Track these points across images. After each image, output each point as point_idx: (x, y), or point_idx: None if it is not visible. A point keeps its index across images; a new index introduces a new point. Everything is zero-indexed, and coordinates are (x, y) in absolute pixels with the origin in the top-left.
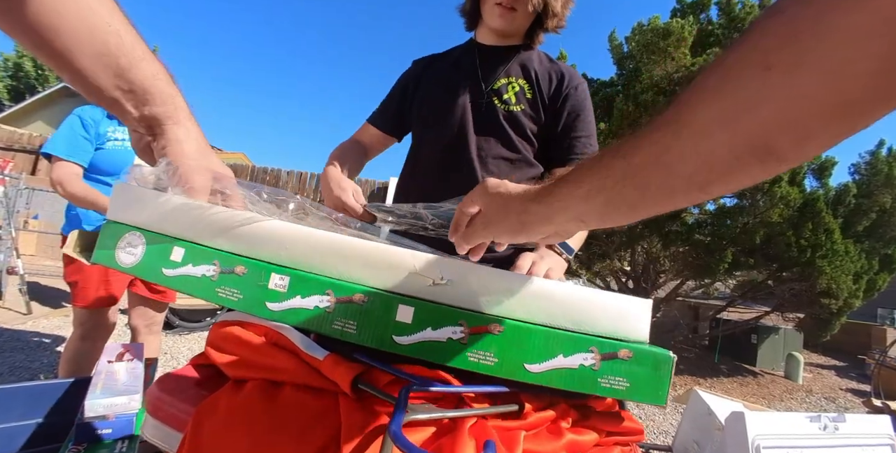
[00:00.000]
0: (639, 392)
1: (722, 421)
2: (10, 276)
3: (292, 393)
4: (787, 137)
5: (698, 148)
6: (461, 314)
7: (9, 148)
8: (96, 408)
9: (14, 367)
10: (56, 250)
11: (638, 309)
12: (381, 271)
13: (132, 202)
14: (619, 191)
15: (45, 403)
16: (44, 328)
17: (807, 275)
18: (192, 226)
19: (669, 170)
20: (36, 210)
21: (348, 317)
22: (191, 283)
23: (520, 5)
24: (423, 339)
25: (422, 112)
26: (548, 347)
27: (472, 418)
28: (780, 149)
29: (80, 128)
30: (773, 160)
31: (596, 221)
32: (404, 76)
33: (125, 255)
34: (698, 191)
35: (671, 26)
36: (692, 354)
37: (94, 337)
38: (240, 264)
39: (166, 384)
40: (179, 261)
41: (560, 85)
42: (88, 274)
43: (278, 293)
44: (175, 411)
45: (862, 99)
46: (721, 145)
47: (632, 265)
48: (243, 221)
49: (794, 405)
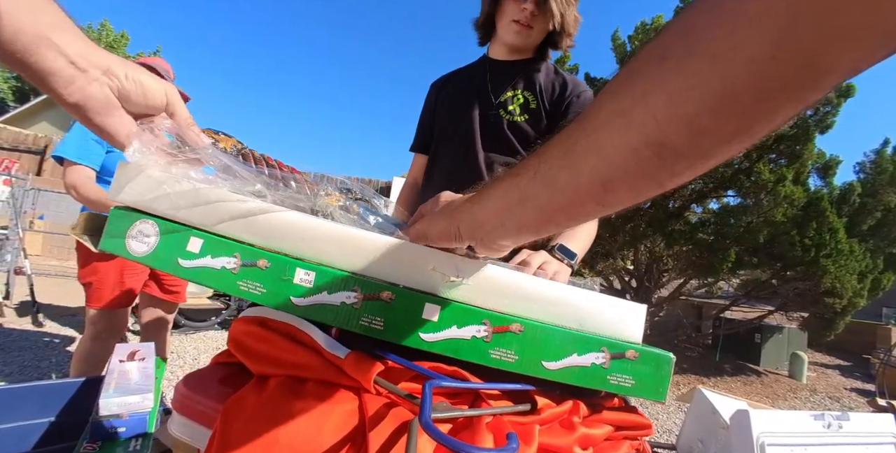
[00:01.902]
0: (642, 389)
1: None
2: (17, 276)
3: (316, 389)
4: (678, 130)
5: (599, 141)
6: (485, 313)
7: (14, 149)
8: (110, 407)
9: (23, 366)
10: (62, 250)
11: (634, 313)
12: (398, 267)
13: (139, 184)
14: (531, 190)
15: (57, 402)
16: (50, 327)
17: (811, 275)
18: (205, 213)
19: (574, 167)
20: (41, 210)
21: (376, 313)
22: (210, 275)
23: (536, 23)
24: (448, 337)
25: (439, 126)
26: (564, 346)
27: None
28: (674, 143)
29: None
30: (669, 155)
31: (514, 227)
32: (427, 100)
33: (137, 244)
34: (602, 190)
35: None
36: (695, 353)
37: (106, 337)
38: (262, 257)
39: (192, 381)
40: (197, 251)
41: (563, 94)
42: (104, 275)
43: (304, 288)
44: (203, 408)
45: (750, 87)
46: (618, 137)
47: (635, 264)
48: (259, 211)
49: (798, 404)
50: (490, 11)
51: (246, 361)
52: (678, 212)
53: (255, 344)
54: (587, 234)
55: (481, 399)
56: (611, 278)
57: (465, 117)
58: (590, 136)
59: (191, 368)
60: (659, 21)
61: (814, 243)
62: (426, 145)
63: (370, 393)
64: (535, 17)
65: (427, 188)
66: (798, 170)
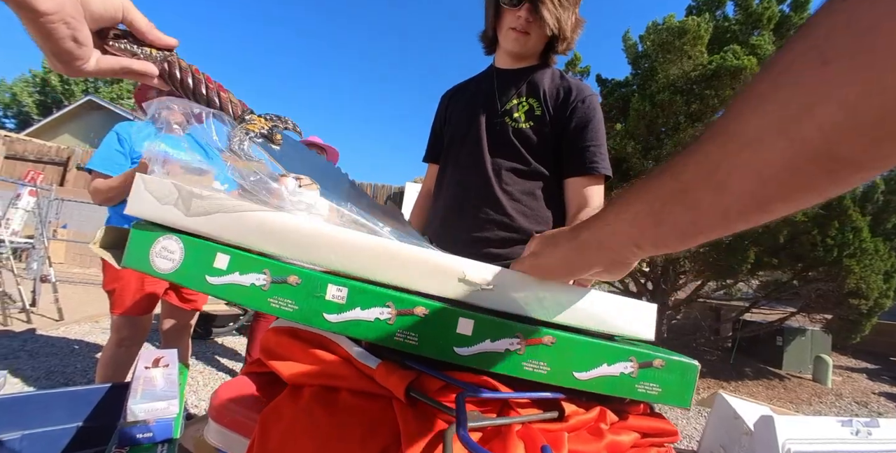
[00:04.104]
0: (668, 396)
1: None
2: (43, 284)
3: (350, 398)
4: (852, 141)
5: (750, 161)
6: (517, 327)
7: (38, 160)
8: (138, 413)
9: (50, 372)
10: (84, 258)
11: (646, 312)
12: (431, 277)
13: (158, 198)
14: (668, 213)
15: (85, 407)
16: (75, 334)
17: (834, 275)
18: (233, 229)
19: (720, 188)
20: (65, 220)
21: (410, 329)
22: (239, 292)
23: (533, 30)
24: (482, 351)
25: (449, 136)
26: (594, 357)
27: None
28: (848, 155)
29: (116, 144)
30: (841, 168)
31: (650, 246)
32: (438, 111)
33: (161, 261)
34: (757, 211)
35: (686, 24)
36: (714, 357)
37: (130, 343)
38: (293, 274)
39: (228, 391)
40: (224, 268)
41: (567, 99)
42: (126, 282)
43: (336, 304)
44: (239, 417)
45: None
46: (775, 156)
47: (650, 266)
48: (288, 224)
49: (824, 409)
50: (491, 22)
51: (279, 371)
52: None
53: (287, 355)
54: None
55: (509, 407)
56: (626, 281)
57: (473, 125)
58: (736, 157)
59: (210, 374)
60: (670, 21)
61: (836, 243)
62: (438, 155)
63: (402, 403)
64: (531, 23)
65: (438, 195)
66: None
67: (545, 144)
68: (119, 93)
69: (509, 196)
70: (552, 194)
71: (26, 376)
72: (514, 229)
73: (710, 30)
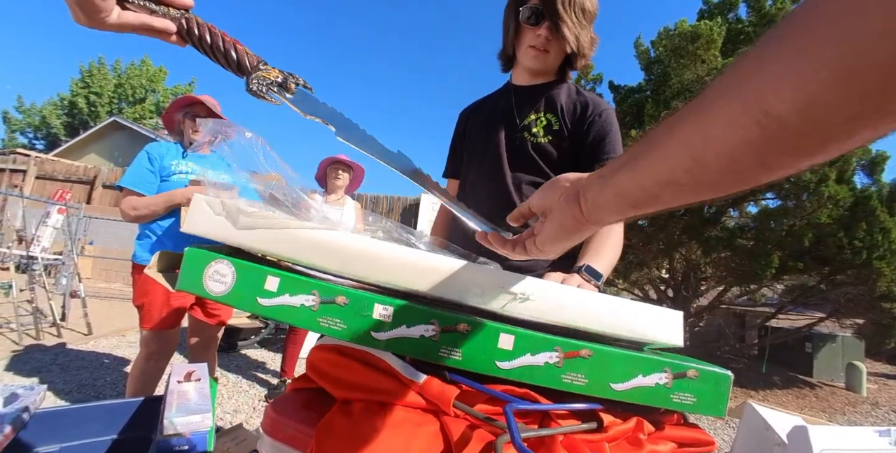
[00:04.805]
0: (703, 406)
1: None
2: (72, 299)
3: (399, 412)
4: (786, 100)
5: (699, 119)
6: (556, 341)
7: (67, 179)
8: (174, 426)
9: (81, 385)
10: (109, 273)
11: (673, 319)
12: (469, 287)
13: (217, 217)
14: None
15: (119, 420)
16: (103, 348)
17: (864, 278)
18: (284, 244)
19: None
20: (91, 236)
21: (454, 345)
22: (290, 313)
23: (552, 47)
24: (523, 364)
25: (469, 151)
26: (629, 369)
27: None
28: (780, 113)
29: (146, 162)
30: (773, 125)
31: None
32: (456, 127)
33: (214, 284)
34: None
35: (699, 29)
36: (741, 365)
37: (158, 357)
38: (341, 294)
39: (279, 406)
40: (275, 290)
41: (584, 113)
42: (153, 298)
43: (383, 322)
44: (293, 431)
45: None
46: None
47: (671, 273)
48: (338, 241)
49: (859, 419)
50: (510, 40)
51: (327, 387)
52: (714, 218)
53: (334, 371)
54: (613, 251)
55: (550, 418)
56: (646, 288)
57: (493, 140)
58: (691, 115)
59: (234, 387)
60: (682, 26)
61: (864, 245)
62: (457, 171)
63: (449, 416)
64: (550, 41)
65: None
66: (841, 169)
67: (564, 158)
68: (142, 113)
69: None
70: None
71: (59, 389)
72: None
73: (723, 33)
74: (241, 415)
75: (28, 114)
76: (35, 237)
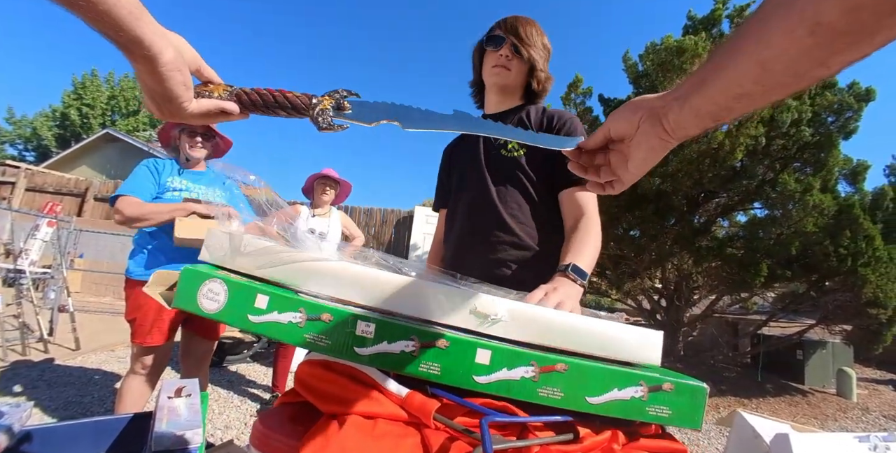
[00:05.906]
0: (679, 418)
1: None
2: (60, 314)
3: (383, 426)
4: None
5: (761, 30)
6: (532, 355)
7: (57, 192)
8: (164, 442)
9: (68, 402)
10: (99, 287)
11: (652, 339)
12: (445, 309)
13: (225, 246)
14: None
15: (108, 437)
16: (92, 363)
17: (850, 285)
18: (280, 270)
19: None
20: (82, 249)
21: (433, 359)
22: (277, 329)
23: (514, 65)
24: (500, 378)
25: (456, 177)
26: (605, 382)
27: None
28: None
29: (146, 173)
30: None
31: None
32: (441, 163)
33: (208, 302)
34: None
35: (684, 43)
36: (734, 373)
37: (151, 372)
38: (326, 312)
39: (267, 420)
40: (264, 308)
41: (550, 123)
42: (146, 312)
43: (366, 338)
44: (280, 445)
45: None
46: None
47: (663, 283)
48: (331, 267)
49: (850, 425)
50: (478, 68)
51: (314, 401)
52: (704, 228)
53: (321, 386)
54: (595, 248)
55: (527, 430)
56: (639, 298)
57: (476, 162)
58: (752, 33)
59: (225, 402)
60: (668, 41)
61: (849, 252)
62: (447, 202)
63: (430, 429)
64: (510, 60)
65: (450, 228)
66: (825, 178)
67: (539, 169)
68: (135, 125)
69: (516, 219)
70: (552, 213)
71: (45, 406)
72: (524, 247)
73: (707, 47)
74: (233, 431)
75: (19, 126)
76: (23, 250)
